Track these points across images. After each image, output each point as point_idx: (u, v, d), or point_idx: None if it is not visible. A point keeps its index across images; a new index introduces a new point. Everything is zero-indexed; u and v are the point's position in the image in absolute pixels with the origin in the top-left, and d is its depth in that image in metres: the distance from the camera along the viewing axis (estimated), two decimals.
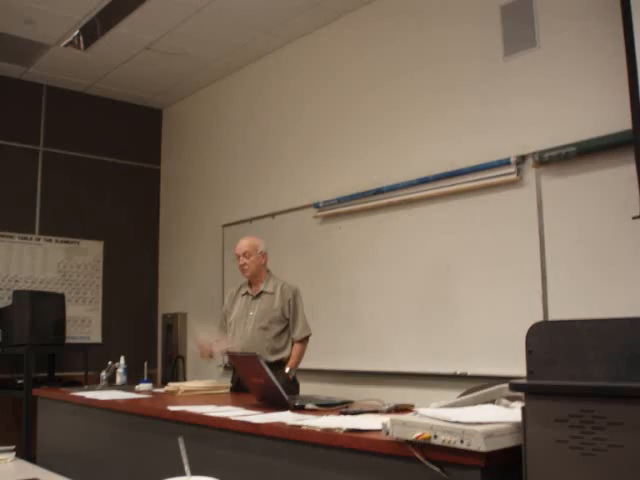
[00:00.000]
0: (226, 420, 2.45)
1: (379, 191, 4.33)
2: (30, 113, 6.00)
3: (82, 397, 3.59)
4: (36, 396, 4.26)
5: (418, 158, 4.16)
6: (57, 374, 5.62)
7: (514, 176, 3.60)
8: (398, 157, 4.31)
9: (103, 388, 4.04)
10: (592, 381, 1.47)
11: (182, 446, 1.56)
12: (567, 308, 3.29)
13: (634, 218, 2.95)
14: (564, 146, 3.37)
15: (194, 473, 1.51)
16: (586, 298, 3.23)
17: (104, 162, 6.37)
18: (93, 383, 4.44)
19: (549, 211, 3.47)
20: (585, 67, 3.39)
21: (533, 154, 3.52)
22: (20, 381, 5.10)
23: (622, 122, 3.04)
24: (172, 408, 2.79)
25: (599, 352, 1.47)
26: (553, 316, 3.35)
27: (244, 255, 3.74)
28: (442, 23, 4.14)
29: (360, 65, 4.69)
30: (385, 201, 4.30)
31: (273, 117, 5.43)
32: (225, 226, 5.75)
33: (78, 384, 4.85)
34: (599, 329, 1.48)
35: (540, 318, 3.34)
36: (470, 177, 3.82)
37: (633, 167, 2.90)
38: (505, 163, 3.64)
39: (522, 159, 3.59)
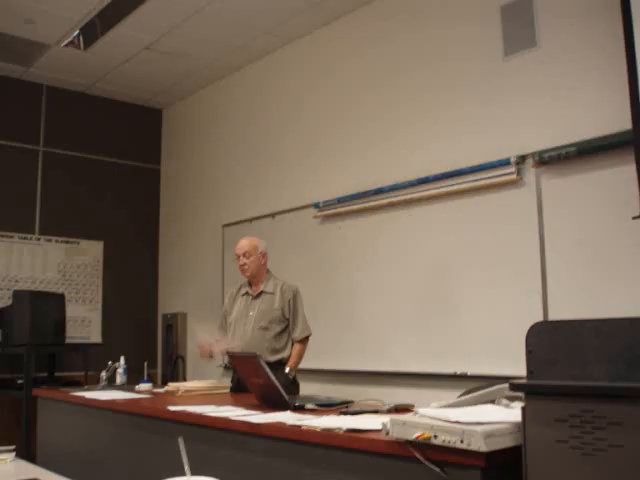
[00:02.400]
0: (226, 420, 2.44)
1: (379, 191, 4.33)
2: (30, 113, 6.00)
3: (82, 397, 3.59)
4: (36, 396, 4.26)
5: (418, 158, 4.16)
6: (57, 374, 5.62)
7: (514, 176, 3.60)
8: (398, 157, 4.31)
9: (103, 388, 4.04)
10: (592, 381, 1.46)
11: (182, 446, 1.56)
12: (567, 308, 3.29)
13: (634, 218, 2.95)
14: (564, 146, 3.37)
15: (194, 473, 1.51)
16: (586, 298, 3.23)
17: (104, 162, 6.37)
18: (93, 383, 4.44)
19: (549, 211, 3.47)
20: (585, 67, 3.39)
21: (533, 154, 3.52)
22: (20, 381, 5.10)
23: (622, 122, 3.04)
24: (172, 408, 2.78)
25: (599, 352, 1.47)
26: (553, 316, 3.35)
27: (244, 255, 3.74)
28: (442, 23, 4.14)
29: (360, 65, 4.68)
30: (385, 201, 4.30)
31: (273, 117, 5.43)
32: (225, 226, 5.75)
33: (78, 384, 4.85)
34: (599, 329, 1.48)
35: (540, 318, 3.34)
36: (470, 177, 3.82)
37: (633, 167, 2.90)
38: (505, 163, 3.64)
39: (522, 159, 3.59)
